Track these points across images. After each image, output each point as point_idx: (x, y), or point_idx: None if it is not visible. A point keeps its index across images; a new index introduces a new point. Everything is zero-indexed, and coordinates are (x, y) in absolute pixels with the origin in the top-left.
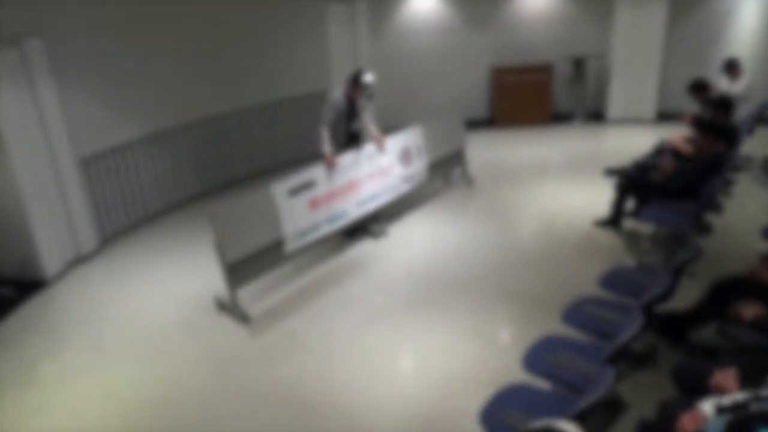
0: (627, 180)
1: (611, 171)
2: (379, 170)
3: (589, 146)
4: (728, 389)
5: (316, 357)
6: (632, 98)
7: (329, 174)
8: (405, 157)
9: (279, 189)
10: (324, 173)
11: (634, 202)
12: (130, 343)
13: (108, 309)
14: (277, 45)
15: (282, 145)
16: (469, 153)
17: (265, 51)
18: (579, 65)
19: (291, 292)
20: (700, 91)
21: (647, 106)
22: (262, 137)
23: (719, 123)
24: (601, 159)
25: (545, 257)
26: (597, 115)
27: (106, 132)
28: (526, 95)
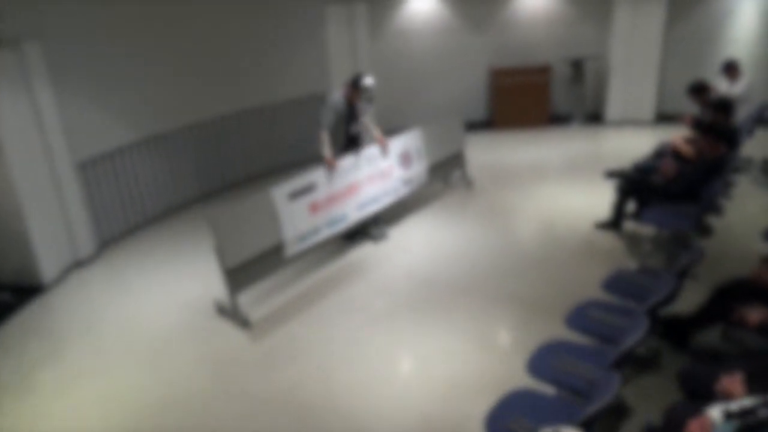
0: (628, 182)
1: (612, 173)
2: (379, 173)
3: (588, 148)
4: (735, 394)
5: (317, 361)
6: (631, 100)
7: (329, 177)
8: (405, 160)
9: (279, 193)
10: (324, 176)
11: (635, 205)
12: (130, 348)
13: (107, 313)
14: (276, 47)
15: (281, 148)
16: (468, 155)
17: (264, 53)
18: (578, 67)
19: (291, 296)
20: (700, 93)
21: (646, 108)
22: (261, 139)
23: (719, 125)
24: (601, 161)
25: (546, 260)
26: (596, 117)
27: (104, 135)
28: (525, 97)
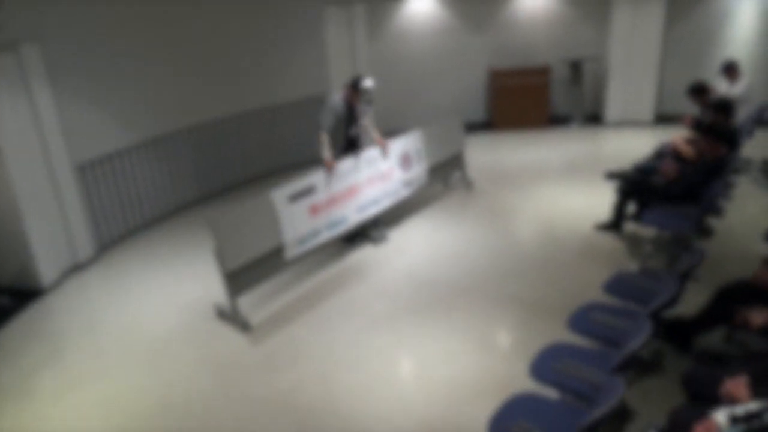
0: (628, 183)
1: (612, 174)
2: (379, 175)
3: (588, 149)
4: (739, 397)
5: (318, 364)
6: (630, 101)
7: (329, 179)
8: (405, 162)
9: (279, 195)
10: (324, 179)
11: (635, 206)
12: (130, 351)
13: (106, 317)
14: (275, 48)
15: (280, 149)
16: (468, 156)
17: (263, 54)
18: (576, 68)
19: (291, 299)
20: (700, 94)
21: (645, 109)
22: (261, 141)
23: (720, 126)
24: (600, 162)
25: (547, 261)
26: (595, 118)
27: (103, 138)
28: (524, 98)
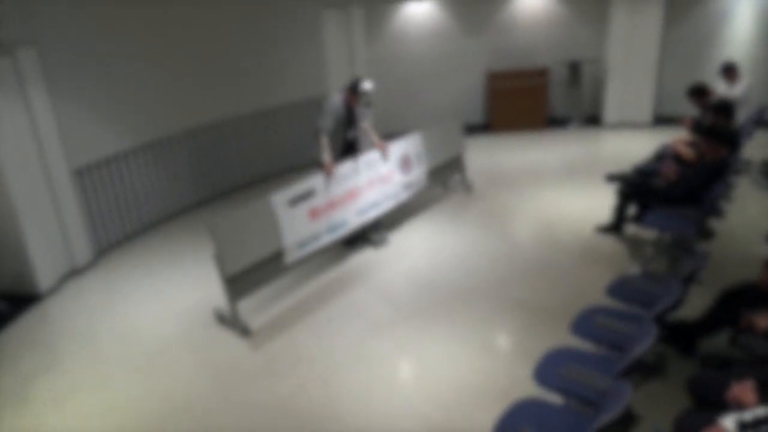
0: (629, 186)
1: (612, 176)
2: (379, 178)
3: (587, 151)
4: (747, 403)
5: (319, 369)
6: (628, 102)
7: (329, 183)
8: (405, 164)
9: (279, 199)
10: (323, 182)
11: (636, 208)
12: (128, 357)
13: (104, 322)
14: (274, 51)
15: (279, 152)
16: (467, 158)
17: (262, 57)
18: (575, 69)
19: (291, 304)
20: (700, 96)
21: (643, 110)
22: (259, 144)
23: (720, 127)
24: (599, 164)
25: (548, 264)
26: (593, 120)
27: (101, 142)
28: (523, 100)
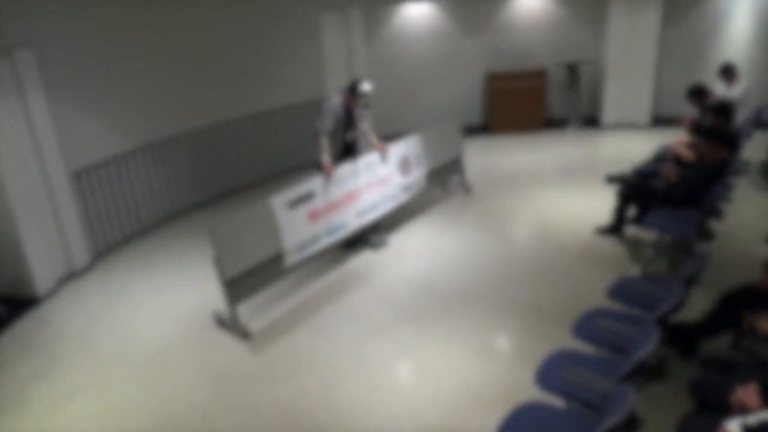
0: (629, 187)
1: (612, 178)
2: (379, 180)
3: (585, 152)
4: (751, 406)
5: (319, 372)
6: (627, 103)
7: (328, 185)
8: (404, 166)
9: (278, 201)
10: (322, 184)
11: (636, 209)
12: (127, 361)
13: (103, 326)
14: (272, 53)
15: (277, 154)
16: (466, 160)
17: (260, 60)
18: (573, 70)
19: (291, 307)
20: (699, 97)
21: (642, 111)
22: (257, 146)
23: (720, 128)
24: (598, 165)
25: (547, 266)
26: (591, 121)
27: (99, 144)
28: (521, 101)
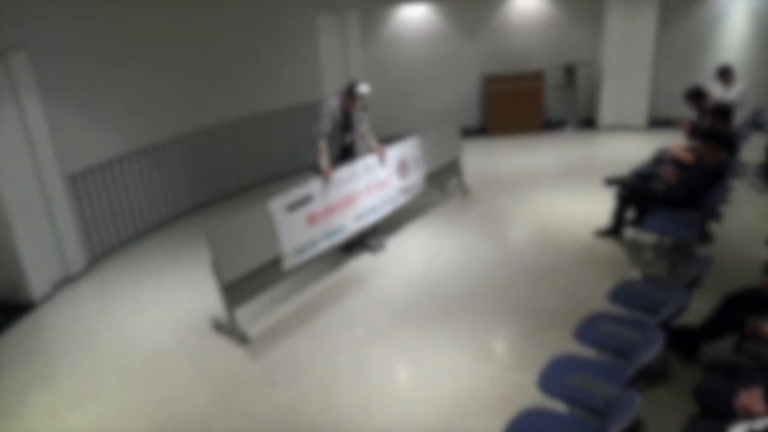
0: (628, 189)
1: (611, 180)
2: (377, 182)
3: (583, 154)
4: (755, 411)
5: (318, 377)
6: (623, 105)
7: (326, 188)
8: (402, 169)
9: (276, 205)
10: (321, 187)
11: (635, 212)
12: (124, 367)
13: (99, 331)
14: (269, 55)
15: (274, 157)
16: (463, 162)
17: (256, 62)
18: (570, 72)
19: (290, 311)
20: (697, 99)
21: (639, 113)
22: (254, 149)
23: (719, 131)
24: (596, 167)
25: (547, 268)
26: (588, 122)
27: (94, 147)
28: (518, 103)
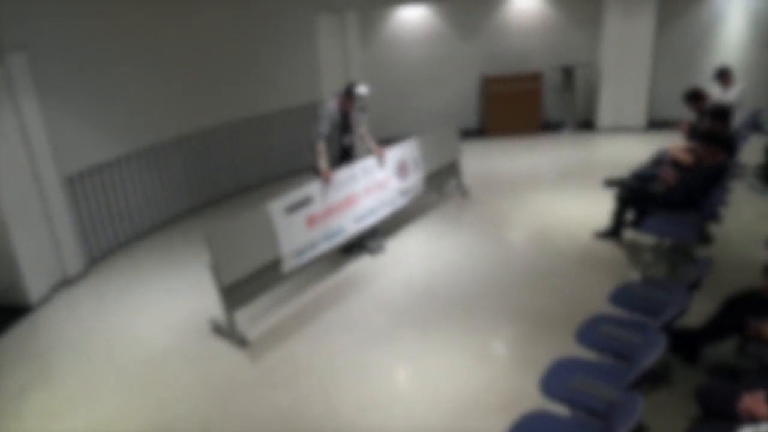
0: (628, 191)
1: (611, 182)
2: (376, 184)
3: (581, 155)
4: (759, 414)
5: (318, 379)
6: (622, 106)
7: (326, 190)
8: (401, 170)
9: (276, 207)
10: (320, 189)
11: (634, 213)
12: (122, 370)
13: (97, 334)
14: (267, 57)
15: (273, 158)
16: (462, 163)
17: (255, 63)
18: (568, 74)
19: (289, 313)
20: (696, 100)
21: (637, 115)
22: (252, 150)
23: (718, 132)
24: (595, 168)
25: (546, 270)
26: (587, 124)
27: (92, 149)
28: (517, 104)
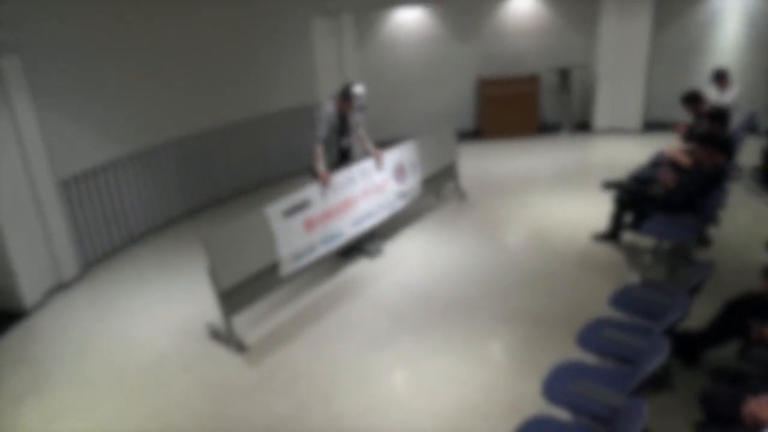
0: (626, 193)
1: (609, 184)
2: (374, 187)
3: (578, 157)
4: (764, 419)
5: (317, 384)
6: (618, 108)
7: (324, 193)
8: (399, 173)
9: (273, 210)
10: (318, 192)
11: (632, 216)
12: (119, 376)
13: (93, 339)
14: (263, 59)
15: (269, 161)
16: (459, 166)
17: (251, 65)
18: (565, 76)
19: (287, 317)
20: (694, 103)
21: (633, 116)
22: (249, 153)
23: (716, 135)
24: (592, 170)
25: (544, 273)
26: (583, 126)
27: (87, 152)
28: (513, 106)
